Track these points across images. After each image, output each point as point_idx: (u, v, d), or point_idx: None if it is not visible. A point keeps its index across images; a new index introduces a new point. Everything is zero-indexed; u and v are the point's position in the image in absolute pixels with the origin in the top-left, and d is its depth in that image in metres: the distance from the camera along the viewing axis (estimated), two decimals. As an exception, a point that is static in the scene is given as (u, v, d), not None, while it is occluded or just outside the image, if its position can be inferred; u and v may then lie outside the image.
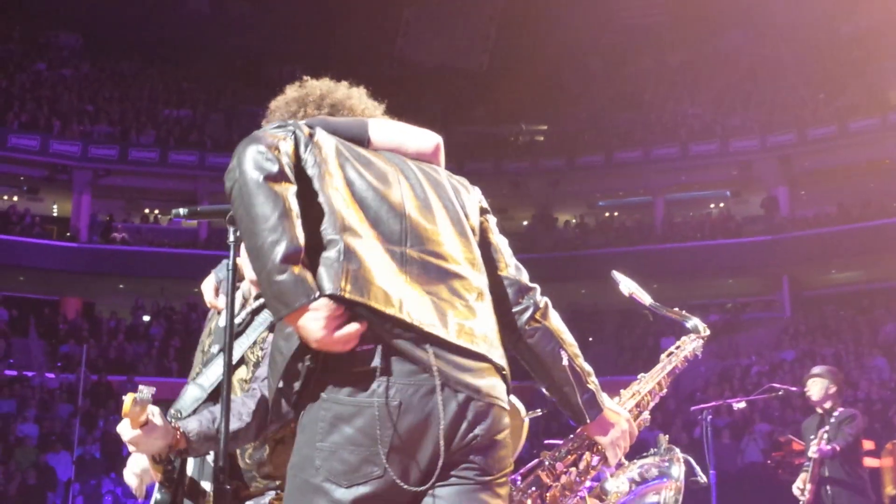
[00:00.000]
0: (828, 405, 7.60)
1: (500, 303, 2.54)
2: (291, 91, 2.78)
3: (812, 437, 7.60)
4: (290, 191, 2.21)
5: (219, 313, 3.18)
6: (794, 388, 7.95)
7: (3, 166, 26.64)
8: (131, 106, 29.85)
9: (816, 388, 7.65)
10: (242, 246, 2.81)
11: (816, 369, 7.88)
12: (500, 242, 2.64)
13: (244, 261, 2.96)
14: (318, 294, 2.15)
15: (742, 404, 9.15)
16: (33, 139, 26.45)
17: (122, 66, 31.76)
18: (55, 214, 29.24)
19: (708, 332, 3.30)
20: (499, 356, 2.37)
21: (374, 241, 2.30)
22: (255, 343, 3.03)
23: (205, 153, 28.18)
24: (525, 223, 30.77)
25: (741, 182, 29.26)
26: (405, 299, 2.25)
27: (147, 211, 30.16)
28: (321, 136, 2.40)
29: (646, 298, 3.33)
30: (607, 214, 31.51)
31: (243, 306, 3.09)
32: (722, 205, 30.80)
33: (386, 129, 2.57)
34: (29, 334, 23.71)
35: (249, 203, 2.19)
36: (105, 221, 27.21)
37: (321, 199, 2.29)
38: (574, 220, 30.89)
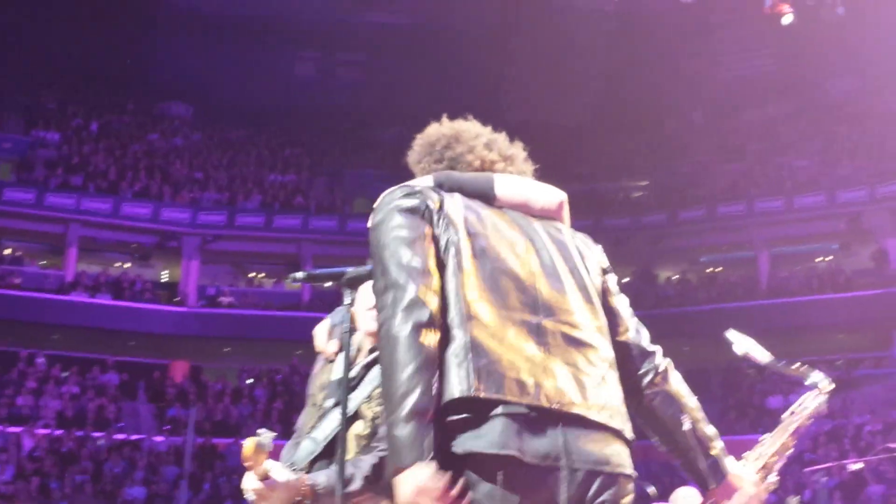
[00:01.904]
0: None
1: (621, 367, 2.51)
2: (425, 136, 2.75)
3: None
4: (435, 340, 2.20)
5: (330, 361, 3.21)
6: (911, 449, 7.63)
7: (117, 234, 27.50)
8: (238, 172, 30.65)
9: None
10: (357, 294, 2.85)
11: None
12: (620, 304, 2.61)
13: (359, 311, 2.99)
14: (430, 458, 2.12)
15: (860, 465, 8.83)
16: (145, 207, 27.33)
17: (230, 133, 32.69)
18: (165, 280, 30.03)
19: (832, 387, 3.15)
20: (629, 430, 2.36)
21: (506, 317, 2.28)
22: (370, 398, 3.03)
23: (308, 216, 28.71)
24: (626, 280, 30.47)
25: (849, 234, 28.52)
26: (542, 380, 2.23)
27: (252, 274, 30.75)
28: (449, 204, 2.40)
29: (763, 357, 3.14)
30: (710, 270, 31.01)
31: (355, 359, 3.11)
32: (830, 258, 30.05)
33: (512, 186, 2.56)
34: (138, 398, 24.25)
35: (393, 349, 2.19)
36: (213, 290, 27.83)
37: (449, 282, 2.29)
38: (676, 277, 30.48)
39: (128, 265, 29.14)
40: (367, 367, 3.08)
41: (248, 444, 2.66)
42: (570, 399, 2.25)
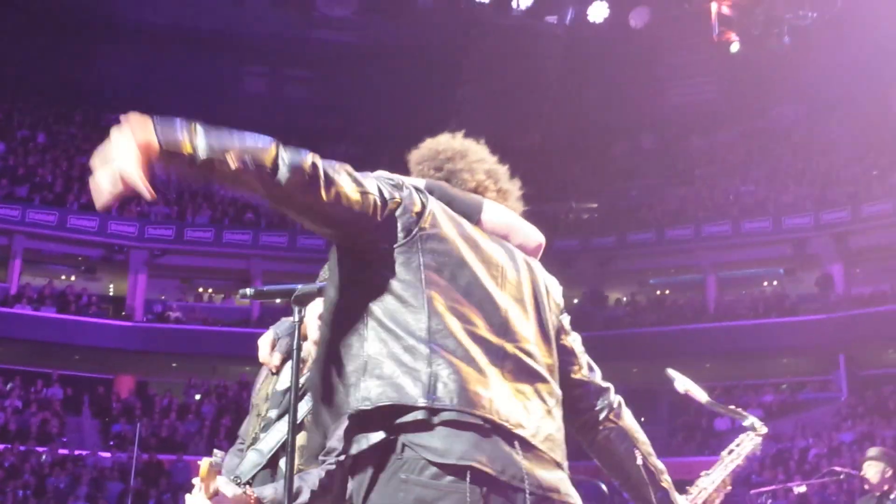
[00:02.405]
0: (885, 488, 7.47)
1: (576, 403, 2.56)
2: (434, 142, 2.75)
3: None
4: (289, 179, 2.20)
5: (275, 373, 3.18)
6: (855, 472, 7.77)
7: (62, 246, 27.16)
8: (188, 186, 30.37)
9: (873, 471, 7.53)
10: (308, 308, 2.82)
11: (872, 451, 7.77)
12: (574, 342, 2.62)
13: (309, 320, 2.98)
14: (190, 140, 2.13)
15: (803, 488, 8.95)
16: (92, 220, 26.98)
17: (181, 147, 32.40)
18: (111, 294, 29.67)
19: (765, 430, 3.43)
20: (567, 465, 2.38)
21: (471, 332, 2.28)
22: None
23: (258, 232, 28.55)
24: (575, 301, 30.63)
25: (795, 260, 28.96)
26: (496, 397, 2.23)
27: (201, 290, 30.50)
28: (434, 208, 2.39)
29: (702, 396, 3.38)
30: (658, 293, 31.32)
31: (303, 369, 3.06)
32: (775, 283, 30.48)
33: (498, 215, 2.57)
34: (82, 413, 23.90)
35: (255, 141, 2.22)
36: (161, 305, 27.54)
37: (418, 291, 2.28)
38: (625, 299, 30.71)
39: (73, 278, 28.76)
40: None
41: (204, 466, 2.64)
42: (519, 422, 2.25)
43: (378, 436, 2.20)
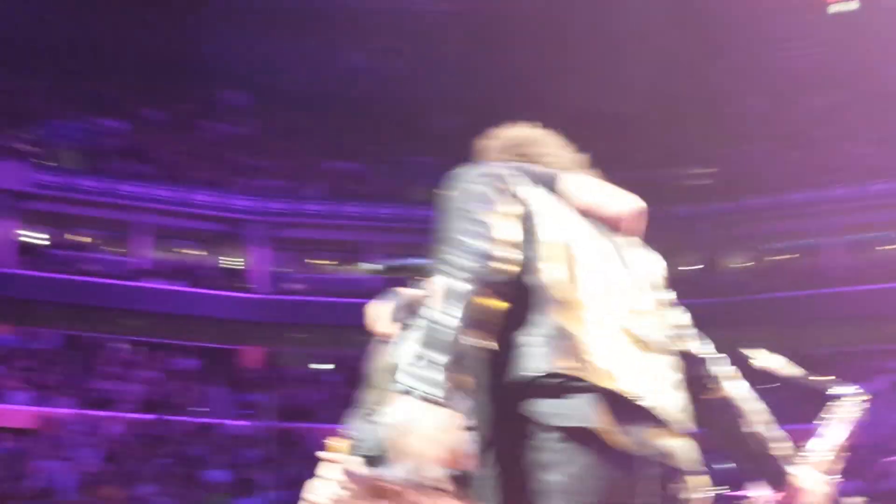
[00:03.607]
0: None
1: (688, 374, 2.53)
2: (510, 133, 2.68)
3: None
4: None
5: (391, 343, 3.19)
6: None
7: (187, 222, 27.96)
8: (303, 161, 30.84)
9: None
10: (430, 283, 2.84)
11: None
12: (682, 317, 2.62)
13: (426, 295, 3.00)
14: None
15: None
16: (214, 196, 27.74)
17: (291, 122, 32.83)
18: (235, 267, 30.34)
19: (864, 395, 3.26)
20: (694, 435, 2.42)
21: (592, 310, 2.29)
22: None
23: (372, 204, 28.89)
24: (692, 268, 30.14)
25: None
26: (623, 373, 2.24)
27: (319, 262, 30.96)
28: (533, 193, 2.37)
29: (787, 370, 3.24)
30: (777, 258, 30.60)
31: None
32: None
33: (581, 187, 2.43)
34: (215, 383, 24.57)
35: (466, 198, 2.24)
36: (283, 275, 28.14)
37: (533, 268, 2.29)
38: (743, 265, 30.11)
39: (198, 252, 29.46)
40: None
41: (345, 445, 2.68)
42: (649, 393, 2.26)
43: (511, 405, 2.23)
